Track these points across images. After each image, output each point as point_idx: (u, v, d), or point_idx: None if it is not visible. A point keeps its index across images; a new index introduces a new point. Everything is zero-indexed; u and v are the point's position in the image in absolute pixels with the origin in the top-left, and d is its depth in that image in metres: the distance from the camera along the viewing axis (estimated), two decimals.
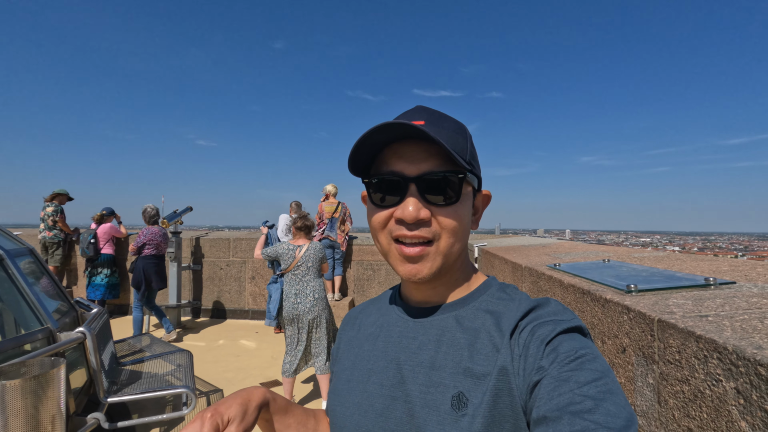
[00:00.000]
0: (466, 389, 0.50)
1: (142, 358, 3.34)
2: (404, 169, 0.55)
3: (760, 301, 1.02)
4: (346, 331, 0.74)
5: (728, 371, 0.74)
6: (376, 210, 0.58)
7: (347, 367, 0.65)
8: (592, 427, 0.37)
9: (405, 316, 0.63)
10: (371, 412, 0.56)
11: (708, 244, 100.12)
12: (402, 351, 0.59)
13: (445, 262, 0.57)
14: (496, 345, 0.52)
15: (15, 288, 2.42)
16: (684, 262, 1.82)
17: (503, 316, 0.55)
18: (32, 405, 1.84)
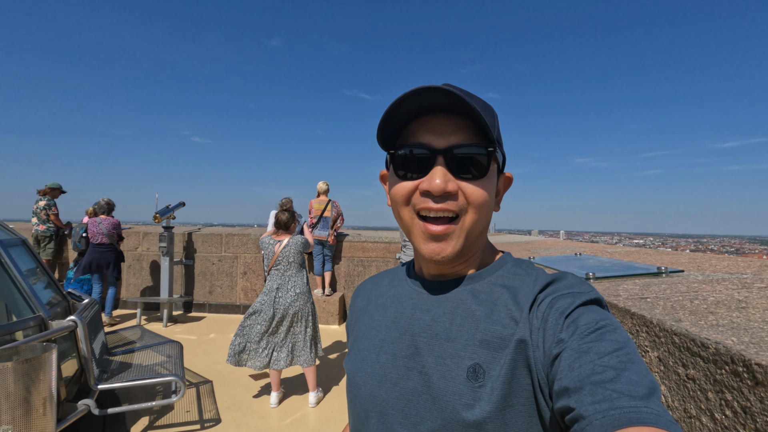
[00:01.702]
0: (483, 361, 0.50)
1: (132, 348, 3.40)
2: (432, 142, 0.54)
3: (699, 286, 1.11)
4: (357, 301, 0.74)
5: (653, 342, 0.84)
6: (400, 182, 0.57)
7: (359, 337, 0.66)
8: (614, 396, 0.37)
9: (419, 288, 0.63)
10: (386, 382, 0.56)
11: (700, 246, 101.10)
12: (416, 322, 0.58)
13: (468, 240, 0.56)
14: (515, 318, 0.51)
15: (8, 276, 2.48)
16: (650, 256, 1.92)
17: (520, 291, 0.54)
18: (24, 388, 1.91)
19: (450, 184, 0.53)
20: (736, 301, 0.91)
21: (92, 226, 5.54)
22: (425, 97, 0.51)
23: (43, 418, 1.96)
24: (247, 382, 3.90)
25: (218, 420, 3.13)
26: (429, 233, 0.55)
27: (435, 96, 0.51)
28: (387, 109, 0.53)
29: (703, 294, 1.00)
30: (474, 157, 0.54)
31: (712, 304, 0.91)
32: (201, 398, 3.50)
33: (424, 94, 0.51)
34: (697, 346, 0.71)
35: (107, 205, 5.74)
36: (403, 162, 0.56)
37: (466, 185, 0.54)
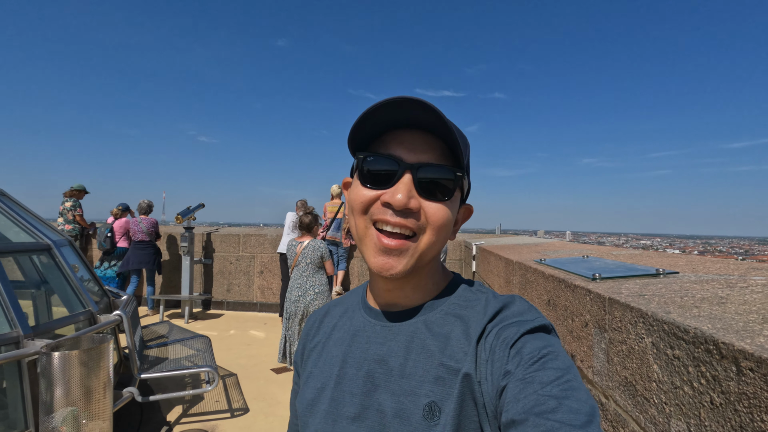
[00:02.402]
0: (439, 398, 0.50)
1: (165, 342, 3.64)
2: (403, 155, 0.53)
3: (691, 285, 1.30)
4: (311, 336, 0.71)
5: (648, 330, 1.03)
6: (362, 189, 0.55)
7: (315, 374, 0.63)
8: (556, 426, 0.38)
9: (372, 320, 0.61)
10: (342, 420, 0.55)
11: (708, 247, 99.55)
12: (371, 358, 0.57)
13: (420, 261, 0.55)
14: (465, 351, 0.52)
15: (61, 274, 2.72)
16: (652, 258, 2.10)
17: (470, 320, 0.55)
18: (86, 374, 2.13)
19: (413, 201, 0.52)
20: (718, 298, 1.10)
21: (133, 225, 5.99)
22: (404, 108, 0.50)
23: (102, 401, 2.19)
24: (269, 375, 4.12)
25: (246, 409, 3.35)
26: (381, 246, 0.53)
27: (414, 109, 0.50)
28: (363, 113, 0.52)
29: (692, 292, 1.19)
30: (442, 177, 0.53)
31: (698, 300, 1.10)
32: (228, 389, 3.72)
33: (404, 105, 0.50)
34: (681, 331, 0.90)
35: (147, 206, 6.16)
36: (370, 170, 0.55)
37: (429, 205, 0.53)
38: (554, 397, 0.41)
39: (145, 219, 6.07)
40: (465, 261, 5.98)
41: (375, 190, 0.54)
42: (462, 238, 6.53)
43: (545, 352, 0.46)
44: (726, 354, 0.76)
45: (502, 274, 3.06)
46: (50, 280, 2.71)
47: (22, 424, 2.15)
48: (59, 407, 2.05)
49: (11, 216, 2.68)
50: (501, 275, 3.11)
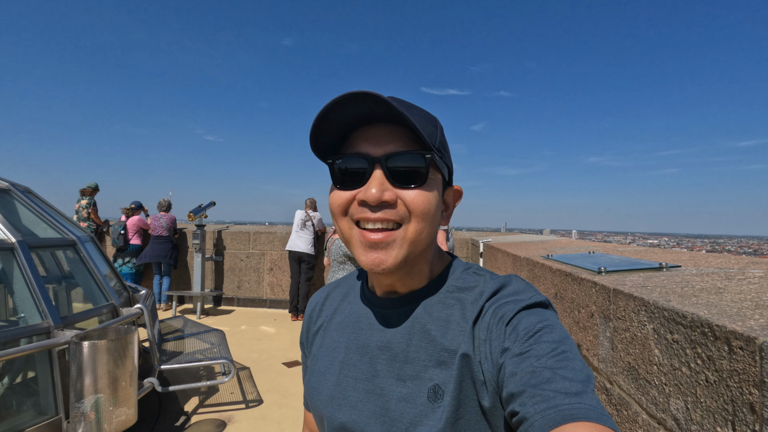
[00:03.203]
0: (442, 381, 0.51)
1: (182, 336, 3.75)
2: (369, 150, 0.53)
3: (691, 278, 1.37)
4: (314, 319, 0.72)
5: (650, 317, 1.11)
6: (338, 193, 0.56)
7: (318, 357, 0.65)
8: (551, 395, 0.40)
9: (373, 306, 0.63)
10: (345, 406, 0.57)
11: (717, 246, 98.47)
12: (374, 344, 0.59)
13: (412, 251, 0.54)
14: (463, 332, 0.53)
15: (86, 269, 2.83)
16: (656, 254, 2.17)
17: (468, 302, 0.56)
18: (113, 363, 2.24)
19: (387, 193, 0.52)
20: (716, 288, 1.17)
21: (154, 221, 6.29)
22: (358, 104, 0.50)
23: (128, 389, 2.30)
24: (281, 369, 4.23)
25: (260, 401, 3.46)
26: (368, 242, 0.53)
27: (368, 104, 0.50)
28: (315, 118, 0.52)
29: (692, 283, 1.27)
30: (412, 164, 0.53)
31: (697, 290, 1.17)
32: (242, 382, 3.83)
33: (355, 101, 0.50)
34: (679, 317, 0.97)
35: (167, 204, 6.41)
36: (341, 172, 0.55)
37: (406, 193, 0.53)
38: (549, 368, 0.42)
39: (165, 215, 6.30)
40: (472, 258, 6.06)
41: (350, 190, 0.54)
42: (469, 235, 6.60)
43: (540, 326, 0.47)
44: (719, 335, 0.84)
45: (509, 270, 3.13)
46: (75, 274, 2.83)
47: (52, 411, 2.26)
48: (88, 394, 2.16)
49: (38, 213, 2.80)
50: (509, 271, 3.19)
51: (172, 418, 3.14)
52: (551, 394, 0.40)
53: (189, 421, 3.11)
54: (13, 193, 2.73)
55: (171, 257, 6.32)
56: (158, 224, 6.31)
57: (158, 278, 6.38)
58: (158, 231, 6.27)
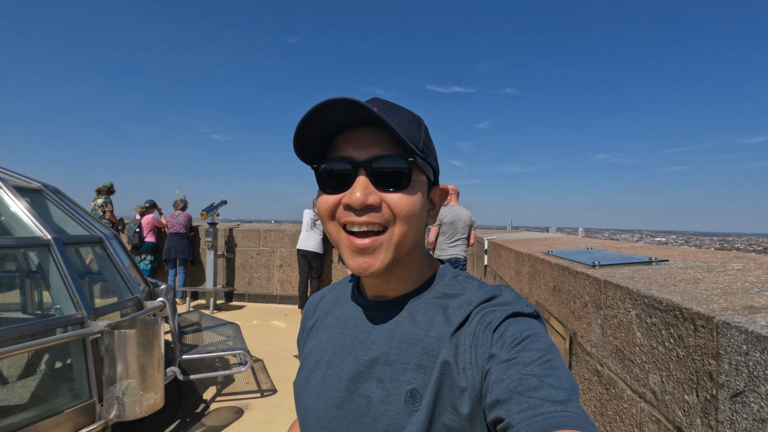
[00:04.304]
0: (420, 385, 0.52)
1: (199, 328, 3.94)
2: (353, 154, 0.54)
3: (676, 270, 1.51)
4: (308, 318, 0.74)
5: (633, 303, 1.25)
6: (324, 197, 0.57)
7: (308, 357, 0.67)
8: (537, 403, 0.40)
9: (361, 308, 0.64)
10: (330, 405, 0.57)
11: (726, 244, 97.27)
12: (358, 345, 0.60)
13: (398, 253, 0.56)
14: (445, 338, 0.53)
15: (112, 264, 3.01)
16: (650, 250, 2.30)
17: (453, 308, 0.56)
18: (142, 351, 2.42)
19: (371, 197, 0.53)
20: (694, 279, 1.30)
21: (171, 219, 6.55)
22: (339, 109, 0.51)
23: (156, 375, 2.47)
24: (294, 361, 4.40)
25: (274, 390, 3.63)
26: (355, 247, 0.54)
27: (350, 108, 0.51)
28: (297, 126, 0.53)
29: (675, 275, 1.40)
30: (395, 167, 0.54)
31: (677, 281, 1.30)
32: (256, 373, 4.01)
33: (335, 107, 0.50)
34: (657, 302, 1.11)
35: (183, 202, 6.68)
36: (327, 176, 0.56)
37: (390, 196, 0.54)
38: (536, 376, 0.43)
39: (182, 213, 6.54)
40: (477, 255, 6.18)
41: (336, 194, 0.55)
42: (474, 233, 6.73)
43: (527, 334, 0.48)
44: (687, 317, 0.98)
45: (512, 266, 3.27)
46: (102, 269, 3.01)
47: (87, 395, 2.44)
48: (120, 379, 2.34)
49: (68, 211, 2.98)
50: (512, 267, 3.33)
51: (192, 405, 3.32)
52: (537, 401, 0.40)
53: (208, 408, 3.29)
54: (45, 193, 2.91)
55: (189, 253, 6.55)
56: (176, 221, 6.53)
57: (173, 274, 6.58)
58: (176, 228, 6.49)
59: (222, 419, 3.10)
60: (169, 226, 6.59)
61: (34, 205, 2.68)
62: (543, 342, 0.47)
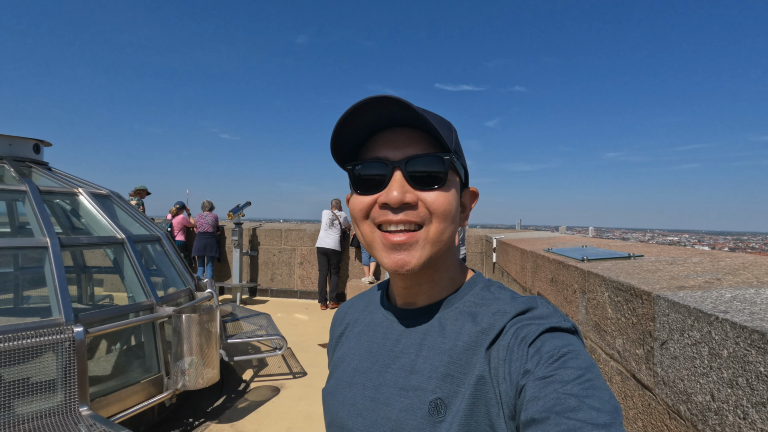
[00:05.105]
0: (446, 395, 0.51)
1: (235, 318, 4.39)
2: (389, 155, 0.55)
3: (646, 263, 1.89)
4: (336, 327, 0.74)
5: (606, 287, 1.64)
6: (359, 198, 0.57)
7: (337, 364, 0.67)
8: (578, 425, 0.38)
9: (390, 317, 0.63)
10: (353, 412, 0.57)
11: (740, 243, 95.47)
12: (386, 353, 0.59)
13: (434, 251, 0.55)
14: (478, 351, 0.52)
15: (169, 260, 3.47)
16: (636, 247, 2.68)
17: (485, 319, 0.54)
18: (202, 333, 2.86)
19: (408, 195, 0.53)
20: (655, 269, 1.69)
21: (200, 219, 7.07)
22: (376, 109, 0.52)
23: (213, 353, 2.92)
24: (318, 349, 4.84)
25: (305, 373, 4.07)
26: (390, 243, 0.54)
27: (387, 108, 0.52)
28: (337, 123, 0.53)
29: (642, 267, 1.79)
30: (431, 166, 0.54)
31: (643, 271, 1.69)
32: (286, 359, 4.45)
33: (374, 105, 0.51)
34: (621, 285, 1.50)
35: (210, 205, 7.23)
36: (362, 177, 0.56)
37: (426, 195, 0.54)
38: (575, 396, 0.41)
39: (210, 214, 7.02)
40: (486, 253, 6.57)
41: (371, 195, 0.55)
42: (483, 232, 7.10)
43: (565, 350, 0.46)
44: (638, 294, 1.38)
45: (518, 262, 3.67)
46: (160, 264, 3.47)
47: (156, 369, 2.90)
48: (185, 356, 2.79)
49: (130, 214, 3.44)
50: (517, 263, 3.72)
51: (235, 384, 3.77)
52: (578, 424, 0.38)
53: (249, 386, 3.73)
54: (113, 198, 3.37)
55: (216, 251, 7.03)
56: (204, 221, 7.02)
57: (201, 271, 7.07)
58: (204, 227, 6.98)
59: (262, 395, 3.54)
60: (197, 225, 7.08)
61: (105, 209, 3.14)
62: (582, 360, 0.45)
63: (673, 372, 1.14)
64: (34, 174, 3.04)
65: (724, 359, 0.94)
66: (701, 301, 1.11)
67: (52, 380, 2.23)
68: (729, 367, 0.92)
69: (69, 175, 3.39)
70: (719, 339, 0.96)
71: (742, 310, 0.99)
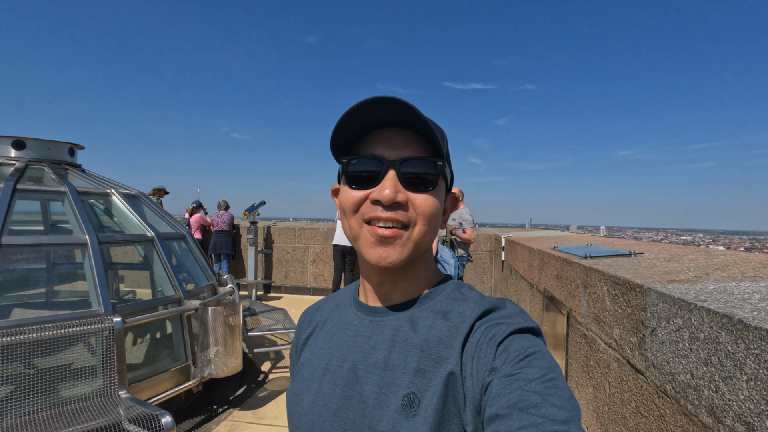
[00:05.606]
0: (418, 390, 0.52)
1: (254, 312, 4.59)
2: (384, 153, 0.56)
3: (645, 260, 2.02)
4: (303, 328, 0.73)
5: (605, 282, 1.77)
6: (351, 192, 0.58)
7: (303, 365, 0.66)
8: (539, 421, 0.40)
9: (361, 314, 0.64)
10: (325, 412, 0.57)
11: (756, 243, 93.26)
12: (357, 350, 0.60)
13: (416, 251, 0.57)
14: (449, 347, 0.54)
15: (193, 257, 3.67)
16: (639, 245, 2.79)
17: (456, 317, 0.56)
18: (226, 325, 3.05)
19: (400, 195, 0.55)
20: (653, 266, 1.82)
21: (216, 218, 7.36)
22: (380, 108, 0.53)
23: (237, 344, 3.11)
24: None
25: None
26: (377, 236, 0.55)
27: (389, 108, 0.53)
28: (341, 117, 0.54)
29: (640, 263, 1.92)
30: (424, 169, 0.56)
31: (640, 267, 1.82)
32: None
33: (379, 104, 0.53)
34: (618, 280, 1.64)
35: (226, 204, 7.50)
36: (355, 172, 0.57)
37: (416, 196, 0.56)
38: (538, 394, 0.43)
39: (225, 213, 7.26)
40: (495, 252, 6.69)
41: (363, 190, 0.57)
42: (492, 231, 7.22)
43: (531, 350, 0.48)
44: (632, 287, 1.51)
45: (526, 260, 3.80)
46: (185, 260, 3.67)
47: (183, 358, 3.09)
48: (211, 346, 2.98)
49: (157, 212, 3.65)
50: (525, 260, 3.85)
51: (254, 375, 3.96)
52: (539, 419, 0.40)
53: (267, 377, 3.92)
54: (141, 198, 3.58)
55: (232, 248, 7.28)
56: (220, 220, 7.26)
57: (217, 268, 7.31)
58: (220, 226, 7.23)
59: (280, 385, 3.73)
60: (214, 224, 7.33)
61: (135, 208, 3.35)
62: (547, 360, 0.48)
63: (661, 355, 1.28)
64: (69, 175, 3.25)
65: (701, 341, 1.08)
66: (686, 292, 1.24)
67: (94, 366, 2.44)
68: (705, 348, 1.06)
69: (100, 176, 3.60)
70: (697, 324, 1.10)
71: (719, 299, 1.13)
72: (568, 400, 0.44)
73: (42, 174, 3.12)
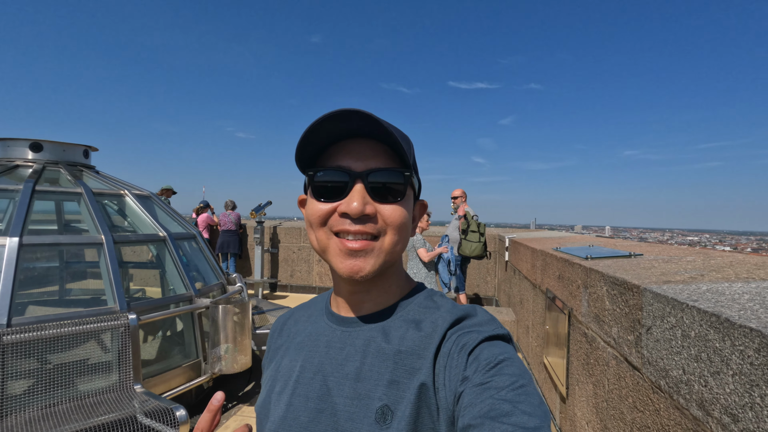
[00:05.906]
0: (392, 402, 0.52)
1: (262, 310, 4.67)
2: (351, 165, 0.56)
3: (644, 261, 2.08)
4: (275, 338, 0.72)
5: (604, 282, 1.84)
6: (318, 205, 0.57)
7: (274, 378, 0.64)
8: (510, 429, 0.41)
9: (333, 325, 0.63)
10: (296, 426, 0.56)
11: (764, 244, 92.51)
12: (328, 362, 0.59)
13: (387, 261, 0.57)
14: (421, 358, 0.54)
15: (203, 256, 3.76)
16: (641, 247, 2.85)
17: (428, 328, 0.56)
18: (236, 322, 3.13)
19: (368, 207, 0.55)
20: (651, 267, 1.88)
21: (224, 217, 7.47)
22: (345, 120, 0.53)
23: (246, 341, 3.19)
24: None
25: None
26: (347, 249, 0.55)
27: (354, 120, 0.53)
28: (305, 131, 0.54)
29: (639, 264, 1.97)
30: (391, 180, 0.56)
31: (639, 268, 1.88)
32: None
33: (343, 117, 0.52)
34: (617, 280, 1.70)
35: (233, 204, 7.61)
36: (322, 184, 0.57)
37: (384, 207, 0.56)
38: (509, 402, 0.43)
39: (232, 213, 7.36)
40: (499, 252, 6.74)
41: (330, 202, 0.56)
42: (496, 232, 7.27)
43: (501, 358, 0.49)
44: (629, 287, 1.57)
45: (529, 260, 3.85)
46: (195, 259, 3.76)
47: (194, 355, 3.18)
48: (221, 343, 3.07)
49: (168, 213, 3.74)
50: (528, 261, 3.91)
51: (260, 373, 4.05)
52: (510, 428, 0.41)
53: None
54: (153, 199, 3.67)
55: (238, 248, 7.38)
56: (227, 220, 7.38)
57: (224, 266, 7.42)
58: (227, 226, 7.34)
59: None
60: (221, 223, 7.44)
61: (147, 209, 3.44)
62: (517, 367, 0.48)
63: (656, 353, 1.35)
64: (84, 176, 3.35)
65: (692, 339, 1.14)
66: (679, 293, 1.31)
67: (110, 361, 2.53)
68: (695, 345, 1.12)
69: (113, 177, 3.70)
70: (689, 322, 1.16)
71: (710, 299, 1.19)
72: (538, 406, 0.44)
73: (58, 175, 3.22)
